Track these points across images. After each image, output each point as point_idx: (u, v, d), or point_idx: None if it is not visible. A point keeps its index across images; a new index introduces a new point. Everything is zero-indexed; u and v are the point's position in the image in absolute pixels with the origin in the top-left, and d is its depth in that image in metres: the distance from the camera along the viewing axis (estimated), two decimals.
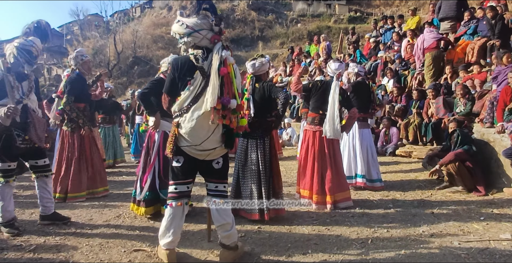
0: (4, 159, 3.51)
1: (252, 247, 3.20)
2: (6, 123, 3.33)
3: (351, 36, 13.33)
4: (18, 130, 3.51)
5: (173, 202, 2.79)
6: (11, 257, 3.07)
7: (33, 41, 3.57)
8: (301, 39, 24.32)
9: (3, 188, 3.54)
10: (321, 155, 4.35)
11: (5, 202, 3.55)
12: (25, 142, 3.56)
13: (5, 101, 3.38)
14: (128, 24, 31.97)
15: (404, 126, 7.47)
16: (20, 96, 3.51)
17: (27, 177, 6.97)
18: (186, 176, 2.84)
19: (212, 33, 2.68)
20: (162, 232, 2.82)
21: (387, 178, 5.79)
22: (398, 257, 2.94)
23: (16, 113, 3.34)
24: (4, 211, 3.55)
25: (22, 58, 3.51)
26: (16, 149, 3.53)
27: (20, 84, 3.52)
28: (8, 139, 3.46)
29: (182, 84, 2.68)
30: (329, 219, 3.95)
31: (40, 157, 3.75)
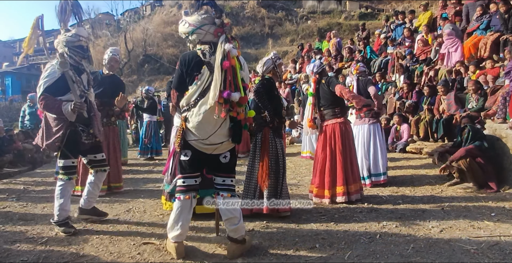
0: (69, 155, 3.40)
1: (259, 241, 3.21)
2: (72, 118, 3.26)
3: (362, 32, 13.21)
4: (82, 125, 3.40)
5: (181, 195, 2.82)
6: (23, 249, 3.14)
7: (77, 34, 3.38)
8: (311, 36, 24.14)
9: (65, 186, 3.42)
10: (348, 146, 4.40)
11: (64, 200, 3.41)
12: (89, 136, 3.46)
13: (68, 97, 3.30)
14: (139, 23, 32.19)
15: (415, 123, 7.39)
16: (82, 90, 3.41)
17: (39, 173, 7.13)
18: (194, 170, 2.87)
19: (215, 27, 2.69)
20: (170, 225, 2.85)
21: (397, 174, 5.74)
22: (407, 252, 2.92)
23: (82, 108, 3.27)
24: (61, 210, 3.41)
25: (76, 56, 3.39)
26: (81, 145, 3.43)
27: (80, 78, 3.42)
28: (73, 135, 3.36)
29: (190, 79, 2.72)
30: (337, 215, 3.94)
31: (99, 151, 3.66)
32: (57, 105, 3.21)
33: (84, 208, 3.75)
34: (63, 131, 3.29)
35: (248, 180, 3.92)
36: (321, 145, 4.49)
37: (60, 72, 3.24)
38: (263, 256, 2.92)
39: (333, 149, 4.37)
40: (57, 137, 3.29)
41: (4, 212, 4.32)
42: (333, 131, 4.41)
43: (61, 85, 3.26)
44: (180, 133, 2.77)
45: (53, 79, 3.24)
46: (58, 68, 3.24)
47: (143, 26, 29.79)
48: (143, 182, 5.96)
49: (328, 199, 4.29)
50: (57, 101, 3.23)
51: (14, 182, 6.33)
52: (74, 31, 3.37)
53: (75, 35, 3.36)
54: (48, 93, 3.24)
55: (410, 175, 5.68)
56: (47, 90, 3.23)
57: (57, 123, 3.31)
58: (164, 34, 29.19)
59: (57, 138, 3.29)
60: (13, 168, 7.39)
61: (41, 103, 3.24)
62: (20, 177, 6.86)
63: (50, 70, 3.27)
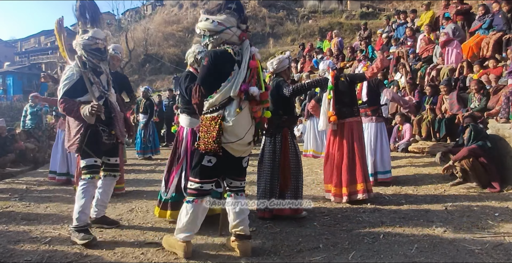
0: (91, 154, 3.28)
1: (263, 241, 3.21)
2: (91, 121, 3.19)
3: (363, 31, 13.19)
4: (103, 126, 3.32)
5: (198, 199, 2.77)
6: (27, 249, 3.14)
7: (94, 36, 3.27)
8: (312, 35, 24.13)
9: (88, 186, 3.26)
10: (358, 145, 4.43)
11: (86, 202, 3.23)
12: (110, 137, 3.37)
13: (87, 98, 3.25)
14: (140, 22, 32.22)
15: (417, 122, 7.37)
16: (102, 91, 3.34)
17: (41, 172, 7.13)
18: (214, 176, 2.85)
19: (240, 31, 2.79)
20: (182, 226, 2.78)
21: (399, 173, 5.73)
22: (411, 252, 2.92)
23: (100, 111, 3.17)
24: (82, 213, 3.19)
25: (94, 59, 3.30)
26: (103, 145, 3.34)
27: (99, 79, 3.35)
28: (94, 135, 3.28)
29: (223, 76, 2.68)
30: (341, 215, 3.94)
31: (114, 155, 3.54)
32: (76, 108, 3.18)
33: (94, 217, 3.57)
34: (83, 132, 3.25)
35: (269, 181, 3.83)
36: (336, 143, 4.46)
37: (79, 74, 3.22)
38: (267, 256, 2.92)
39: (351, 146, 4.40)
40: (77, 138, 3.26)
41: (7, 211, 4.32)
42: (351, 129, 4.43)
43: (80, 87, 3.23)
44: (217, 135, 2.62)
45: (72, 82, 3.22)
46: (76, 70, 3.24)
47: (144, 26, 29.81)
48: (146, 182, 5.96)
49: (346, 197, 4.28)
50: (76, 104, 3.20)
51: (17, 181, 6.34)
52: (91, 34, 3.27)
53: (92, 38, 3.26)
54: (67, 96, 3.21)
55: (412, 174, 5.67)
56: (66, 93, 3.21)
57: (77, 125, 3.29)
58: (165, 34, 29.21)
59: (77, 138, 3.26)
60: (16, 168, 7.40)
61: (61, 106, 3.22)
62: (23, 176, 6.87)
63: (69, 73, 3.25)
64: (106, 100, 3.37)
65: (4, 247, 3.17)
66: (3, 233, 3.52)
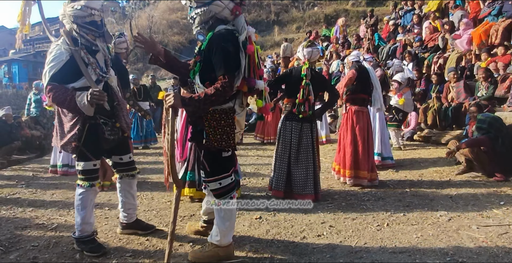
0: (89, 157, 2.70)
1: (267, 229, 3.22)
2: (90, 113, 2.56)
3: (369, 19, 12.98)
4: (104, 118, 2.71)
5: (235, 193, 2.62)
6: (34, 234, 3.18)
7: (87, 6, 2.56)
8: (318, 23, 23.79)
9: (87, 194, 2.74)
10: (368, 134, 4.64)
11: (87, 211, 2.74)
12: (114, 131, 2.77)
13: (83, 83, 2.59)
14: (144, 9, 31.92)
15: (423, 111, 7.32)
16: (99, 74, 2.68)
17: (47, 159, 7.17)
18: (234, 165, 2.67)
19: (233, 4, 2.39)
20: (227, 228, 2.56)
21: (404, 162, 5.72)
22: (415, 240, 2.92)
23: (102, 98, 2.53)
24: (84, 223, 2.74)
25: (88, 34, 2.63)
26: (104, 142, 2.73)
27: (95, 59, 2.68)
28: (94, 130, 2.67)
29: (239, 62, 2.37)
30: (345, 203, 3.94)
31: (125, 152, 2.97)
32: (69, 97, 2.51)
33: (125, 222, 3.12)
34: (80, 126, 2.62)
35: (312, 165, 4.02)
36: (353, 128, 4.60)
37: (68, 53, 2.55)
38: (271, 243, 2.94)
39: (365, 133, 4.59)
40: (72, 134, 2.63)
41: (14, 198, 4.37)
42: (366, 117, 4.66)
43: (72, 69, 2.56)
44: (233, 128, 2.43)
45: (61, 63, 2.53)
46: (65, 49, 2.56)
47: (148, 13, 29.53)
48: (150, 170, 5.97)
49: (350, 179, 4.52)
50: (69, 92, 2.53)
51: (23, 168, 6.40)
52: (83, 2, 2.56)
53: (85, 8, 2.56)
54: (56, 82, 2.54)
55: (417, 163, 5.65)
56: (54, 78, 2.53)
57: (72, 117, 2.64)
58: (170, 21, 28.96)
59: (73, 135, 2.62)
60: (22, 155, 7.46)
61: (50, 95, 2.53)
62: (29, 163, 6.93)
63: (56, 51, 2.57)
64: (106, 85, 2.75)
65: (11, 232, 3.21)
66: (10, 219, 3.57)
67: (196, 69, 2.48)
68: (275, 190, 4.07)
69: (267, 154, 7.16)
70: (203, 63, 2.43)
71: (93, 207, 2.91)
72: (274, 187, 4.08)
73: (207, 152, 2.50)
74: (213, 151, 2.48)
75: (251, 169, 5.74)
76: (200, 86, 2.46)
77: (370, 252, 2.74)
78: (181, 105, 2.33)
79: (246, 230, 3.20)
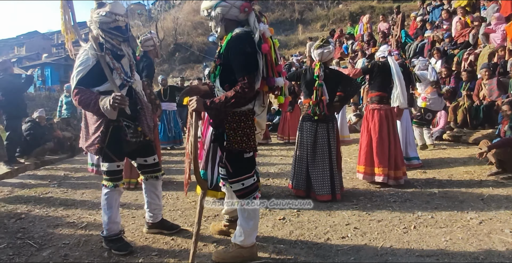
0: (113, 158, 2.79)
1: (290, 230, 3.21)
2: (113, 116, 2.64)
3: (396, 15, 12.70)
4: (127, 120, 2.79)
5: (258, 194, 2.62)
6: (65, 233, 3.30)
7: (111, 12, 2.63)
8: (343, 21, 23.47)
9: (112, 194, 2.84)
10: (395, 132, 4.61)
11: (113, 211, 2.84)
12: (136, 134, 2.83)
13: (107, 87, 2.68)
14: (169, 12, 32.47)
15: (453, 109, 7.09)
16: (124, 78, 2.75)
17: (77, 160, 7.44)
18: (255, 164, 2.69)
19: (241, 2, 2.36)
20: (251, 229, 2.59)
21: (433, 163, 5.56)
22: (443, 243, 2.83)
23: (123, 102, 2.57)
24: (111, 223, 2.84)
25: (113, 39, 2.70)
26: (126, 144, 2.81)
27: (120, 64, 2.76)
28: (117, 132, 2.75)
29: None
30: (370, 204, 3.87)
31: (150, 154, 3.02)
32: (94, 100, 2.60)
33: (151, 222, 3.19)
34: (103, 128, 2.70)
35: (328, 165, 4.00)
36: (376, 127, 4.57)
37: (95, 58, 2.64)
38: (294, 244, 2.93)
39: (388, 132, 4.56)
40: (96, 136, 2.71)
41: (46, 197, 4.55)
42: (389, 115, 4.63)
43: (98, 73, 2.66)
44: (249, 132, 2.46)
45: (87, 67, 2.63)
46: (92, 54, 2.65)
47: (173, 15, 30.02)
48: (175, 171, 6.06)
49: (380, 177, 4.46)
50: (94, 96, 2.62)
51: (55, 168, 6.65)
52: (108, 8, 2.64)
53: (109, 14, 2.63)
54: (82, 85, 2.64)
55: (447, 163, 5.48)
56: (81, 81, 2.63)
57: (96, 119, 2.73)
58: (194, 23, 29.33)
59: (97, 137, 2.71)
60: (54, 155, 7.74)
61: (76, 98, 2.63)
62: (60, 164, 7.19)
63: (83, 57, 2.67)
64: (130, 89, 2.84)
65: (44, 230, 3.35)
66: (43, 218, 3.72)
67: (216, 73, 2.50)
68: (296, 189, 4.15)
69: (291, 154, 7.12)
70: (222, 66, 2.44)
71: (119, 207, 2.99)
72: (295, 186, 4.16)
73: (229, 153, 2.52)
74: (235, 152, 2.49)
75: (275, 169, 5.73)
76: (220, 89, 2.49)
77: (396, 255, 2.68)
78: (203, 109, 2.39)
79: (270, 231, 3.20)
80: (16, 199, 4.46)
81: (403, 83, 4.59)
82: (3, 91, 6.20)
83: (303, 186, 4.08)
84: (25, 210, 3.97)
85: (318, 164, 4.01)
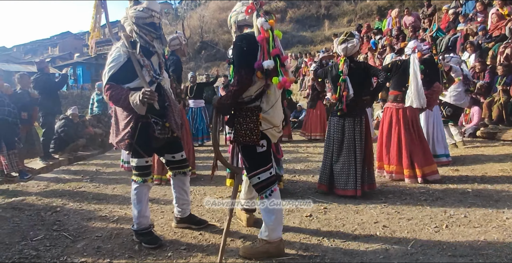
0: (142, 154, 2.86)
1: (318, 227, 3.19)
2: (142, 112, 2.70)
3: (427, 9, 12.30)
4: (155, 117, 2.85)
5: (276, 186, 2.68)
6: (97, 226, 3.41)
7: (149, 8, 2.72)
8: (370, 15, 22.95)
9: (141, 189, 2.91)
10: (406, 131, 4.52)
11: (143, 205, 2.92)
12: (164, 131, 2.89)
13: (137, 83, 2.74)
14: (195, 10, 32.82)
15: (488, 105, 6.82)
16: (153, 75, 2.81)
17: (108, 156, 7.67)
18: (271, 160, 2.72)
19: (246, 5, 2.58)
20: (274, 223, 2.61)
21: (466, 160, 5.37)
22: (477, 243, 2.73)
23: (153, 98, 2.64)
24: (141, 217, 2.92)
25: (147, 35, 2.76)
26: (155, 140, 2.87)
27: (149, 61, 2.83)
28: (145, 128, 2.82)
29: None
30: (399, 202, 3.79)
31: (178, 150, 3.08)
32: (124, 96, 2.67)
33: (179, 217, 3.26)
34: (133, 124, 2.76)
35: (353, 161, 3.96)
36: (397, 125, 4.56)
37: (126, 55, 2.71)
38: (321, 241, 2.90)
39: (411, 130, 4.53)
40: (126, 132, 2.78)
41: (80, 191, 4.72)
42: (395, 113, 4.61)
43: (128, 70, 2.72)
44: (257, 125, 2.55)
45: (119, 64, 2.71)
46: (124, 51, 2.72)
47: (199, 13, 30.33)
48: (202, 166, 6.14)
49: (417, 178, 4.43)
50: (124, 91, 2.69)
51: (87, 164, 6.89)
52: (145, 5, 2.73)
53: (146, 10, 2.71)
54: (114, 81, 2.71)
55: (480, 161, 5.28)
56: (112, 78, 2.71)
57: (126, 116, 2.79)
58: (220, 21, 29.50)
59: (127, 133, 2.77)
60: (86, 151, 8.02)
61: (107, 94, 2.71)
62: (92, 159, 7.44)
63: (115, 54, 2.75)
64: (159, 86, 2.89)
65: (78, 223, 3.48)
66: (77, 211, 3.86)
67: (230, 71, 2.77)
68: (319, 184, 4.18)
69: (317, 151, 7.07)
70: (233, 65, 2.65)
71: (148, 201, 3.06)
72: (319, 181, 4.19)
73: (243, 147, 2.64)
74: (249, 147, 2.61)
75: (301, 166, 5.71)
76: None
77: (427, 254, 2.61)
78: (216, 105, 2.62)
79: (297, 228, 3.19)
80: (51, 193, 4.66)
81: (419, 83, 4.41)
82: (39, 90, 6.47)
83: (326, 181, 4.10)
84: (60, 204, 4.14)
85: (342, 159, 4.00)
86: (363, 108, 4.05)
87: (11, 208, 3.96)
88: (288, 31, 25.47)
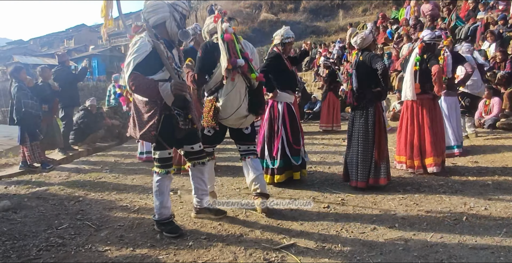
0: (164, 145, 2.91)
1: (336, 218, 3.20)
2: (169, 102, 2.73)
3: None
4: (178, 109, 2.87)
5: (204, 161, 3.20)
6: (119, 215, 3.50)
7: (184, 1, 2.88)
8: (386, 4, 22.53)
9: (163, 181, 2.96)
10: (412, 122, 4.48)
11: (164, 196, 2.98)
12: (186, 122, 2.93)
13: (161, 76, 2.75)
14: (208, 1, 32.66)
15: (508, 96, 6.67)
16: (175, 68, 2.86)
17: (126, 147, 7.79)
18: (214, 142, 3.44)
19: (213, 16, 3.17)
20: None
21: (485, 152, 5.29)
22: (498, 237, 2.71)
23: (184, 89, 2.71)
24: (163, 207, 2.98)
25: (182, 25, 2.87)
26: (178, 132, 2.92)
27: (171, 54, 2.88)
28: (169, 120, 2.85)
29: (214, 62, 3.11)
30: (418, 194, 3.77)
31: (196, 141, 3.11)
32: (152, 86, 2.65)
33: (198, 207, 3.30)
34: (158, 116, 2.77)
35: (363, 153, 3.94)
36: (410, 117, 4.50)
37: (151, 45, 2.67)
38: (340, 232, 2.92)
39: (425, 121, 4.43)
40: (151, 124, 2.77)
41: (100, 182, 4.83)
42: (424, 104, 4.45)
43: (153, 61, 2.70)
44: (212, 113, 3.13)
45: (144, 54, 2.64)
46: (149, 41, 2.68)
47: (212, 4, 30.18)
48: (219, 158, 6.18)
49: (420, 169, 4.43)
50: (151, 82, 2.67)
51: (106, 155, 7.02)
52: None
53: (182, 3, 2.86)
54: (138, 71, 2.66)
55: (500, 153, 5.18)
56: (137, 68, 2.64)
57: (149, 109, 2.78)
58: (233, 11, 29.33)
59: (152, 125, 2.76)
60: (104, 143, 8.17)
61: (132, 83, 2.64)
62: (110, 150, 7.58)
63: (140, 43, 2.67)
64: (180, 78, 2.93)
65: (100, 213, 3.57)
66: (99, 201, 3.96)
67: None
68: (343, 173, 4.23)
69: (333, 142, 7.05)
70: None
71: (169, 192, 3.11)
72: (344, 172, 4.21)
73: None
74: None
75: (317, 158, 5.71)
76: None
77: (447, 246, 2.61)
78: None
79: (315, 219, 3.22)
80: (73, 183, 4.78)
81: (410, 76, 4.42)
82: (60, 82, 6.58)
83: (345, 170, 4.16)
84: (82, 194, 4.25)
85: (353, 150, 4.03)
86: (371, 101, 3.95)
87: (35, 198, 4.08)
88: (302, 22, 25.19)
